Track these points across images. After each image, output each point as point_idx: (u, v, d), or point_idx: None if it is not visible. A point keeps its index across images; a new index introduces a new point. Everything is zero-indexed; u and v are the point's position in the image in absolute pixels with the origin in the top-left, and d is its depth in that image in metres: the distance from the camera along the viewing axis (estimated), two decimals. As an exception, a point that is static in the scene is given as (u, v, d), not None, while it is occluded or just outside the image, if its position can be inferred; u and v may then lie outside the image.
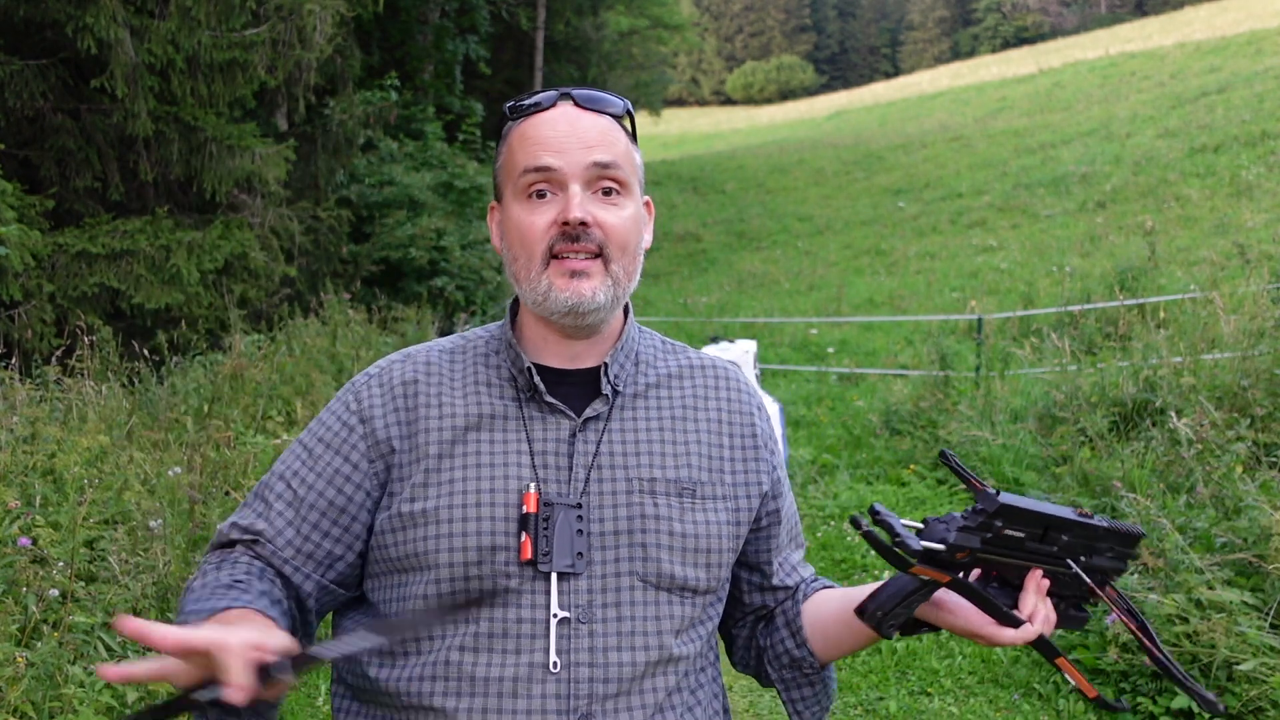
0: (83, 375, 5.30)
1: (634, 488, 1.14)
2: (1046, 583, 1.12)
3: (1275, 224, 11.92)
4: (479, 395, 1.18)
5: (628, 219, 1.15)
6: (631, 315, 1.27)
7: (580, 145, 1.13)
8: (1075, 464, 4.92)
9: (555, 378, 1.19)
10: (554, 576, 1.09)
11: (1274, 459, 4.42)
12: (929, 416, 7.03)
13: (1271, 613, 3.30)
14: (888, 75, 75.38)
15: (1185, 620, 3.36)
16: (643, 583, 1.12)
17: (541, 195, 1.13)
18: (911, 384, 8.05)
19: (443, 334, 10.57)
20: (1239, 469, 4.09)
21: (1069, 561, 1.12)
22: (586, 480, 1.14)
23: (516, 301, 1.25)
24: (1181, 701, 3.27)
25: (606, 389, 1.18)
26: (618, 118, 1.19)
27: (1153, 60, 29.08)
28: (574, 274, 1.12)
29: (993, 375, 7.24)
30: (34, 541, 3.07)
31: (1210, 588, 3.36)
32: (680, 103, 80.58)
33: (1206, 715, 3.19)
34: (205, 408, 5.62)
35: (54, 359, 5.51)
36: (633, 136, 1.21)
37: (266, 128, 10.48)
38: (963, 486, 5.57)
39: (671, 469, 1.17)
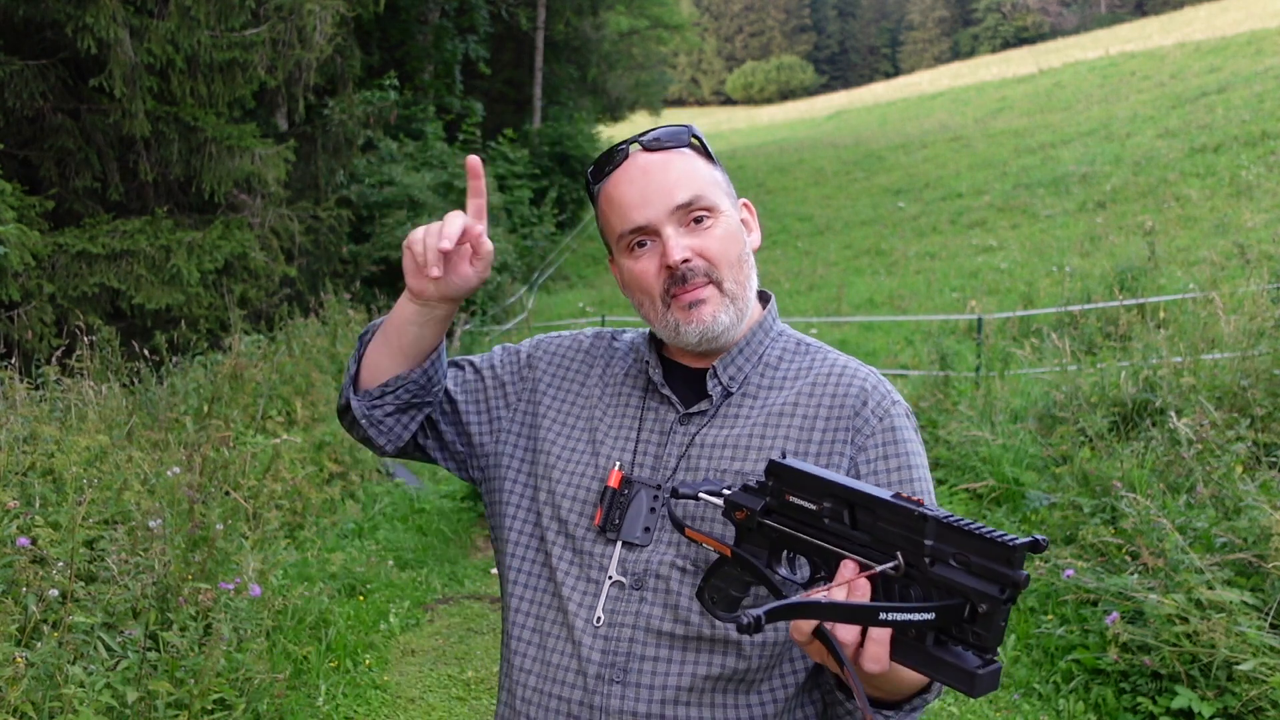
0: (83, 375, 5.30)
1: (711, 480, 1.22)
2: (864, 584, 0.90)
3: (1275, 224, 11.93)
4: (620, 381, 1.36)
5: (724, 236, 1.24)
6: (766, 319, 1.34)
7: (660, 192, 1.23)
8: (1075, 464, 4.92)
9: (685, 375, 1.32)
10: (619, 544, 1.23)
11: (1274, 459, 4.42)
12: (929, 416, 7.03)
13: (1271, 613, 3.30)
14: (888, 75, 75.42)
15: (1185, 620, 3.35)
16: (694, 565, 1.21)
17: (642, 245, 1.25)
18: (912, 384, 8.04)
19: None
20: (1239, 469, 4.08)
21: (901, 558, 0.87)
22: (675, 468, 1.25)
23: None
24: (1181, 701, 3.27)
25: (713, 389, 1.28)
26: (686, 145, 1.28)
27: (1153, 60, 29.07)
28: (692, 305, 1.23)
29: (993, 375, 7.24)
30: (34, 541, 3.07)
31: (1210, 588, 3.35)
32: (680, 103, 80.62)
33: (1206, 715, 3.18)
34: (205, 408, 5.62)
35: (54, 359, 5.50)
36: (706, 154, 1.29)
37: (266, 128, 10.48)
38: (963, 487, 5.58)
39: (752, 464, 1.22)
